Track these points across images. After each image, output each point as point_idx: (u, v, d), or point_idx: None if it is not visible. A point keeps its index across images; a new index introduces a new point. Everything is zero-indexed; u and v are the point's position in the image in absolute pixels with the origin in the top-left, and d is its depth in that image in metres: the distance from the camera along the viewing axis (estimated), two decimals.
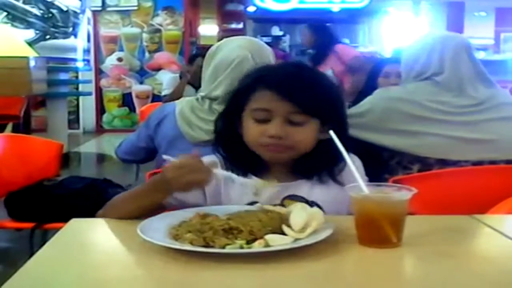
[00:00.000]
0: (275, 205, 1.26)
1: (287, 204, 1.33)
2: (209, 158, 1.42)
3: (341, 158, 1.35)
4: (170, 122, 2.01)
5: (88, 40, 7.75)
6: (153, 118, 2.08)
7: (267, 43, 2.21)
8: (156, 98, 8.67)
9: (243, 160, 1.43)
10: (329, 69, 5.00)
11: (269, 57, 2.01)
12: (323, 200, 1.41)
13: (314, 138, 1.41)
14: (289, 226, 1.12)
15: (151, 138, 2.09)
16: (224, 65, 1.97)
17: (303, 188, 1.43)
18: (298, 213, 1.14)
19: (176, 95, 4.24)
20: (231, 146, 1.45)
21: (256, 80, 1.41)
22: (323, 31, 5.26)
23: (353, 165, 1.22)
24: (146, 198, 1.31)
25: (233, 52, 1.99)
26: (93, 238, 1.26)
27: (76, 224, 1.29)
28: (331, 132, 1.29)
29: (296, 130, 1.37)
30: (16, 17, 6.20)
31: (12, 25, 6.13)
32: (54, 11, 6.48)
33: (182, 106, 2.01)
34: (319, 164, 1.43)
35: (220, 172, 1.34)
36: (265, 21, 11.84)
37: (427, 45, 2.11)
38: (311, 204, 1.35)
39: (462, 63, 2.04)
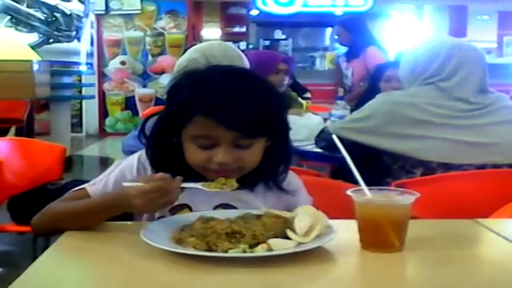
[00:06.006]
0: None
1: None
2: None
3: (284, 164, 1.38)
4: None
5: (92, 44, 7.76)
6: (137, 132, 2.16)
7: (267, 47, 2.24)
8: (159, 101, 8.68)
9: (179, 170, 1.28)
10: (351, 68, 4.98)
11: (234, 59, 1.99)
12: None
13: (261, 153, 1.34)
14: (293, 230, 1.12)
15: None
16: (177, 70, 2.02)
17: (242, 197, 1.37)
18: (302, 217, 1.14)
19: None
20: (166, 156, 1.35)
21: (192, 103, 1.27)
22: (359, 29, 5.05)
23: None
24: (99, 216, 1.26)
25: (185, 56, 2.02)
26: (96, 242, 1.26)
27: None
28: (334, 137, 1.28)
29: (245, 153, 1.29)
30: (20, 21, 6.21)
31: (16, 29, 6.15)
32: (57, 14, 6.49)
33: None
34: (265, 173, 1.37)
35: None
36: (268, 24, 11.81)
37: (442, 51, 2.07)
38: None
39: (474, 77, 2.03)
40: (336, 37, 5.38)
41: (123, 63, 9.30)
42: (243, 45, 10.71)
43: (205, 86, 1.29)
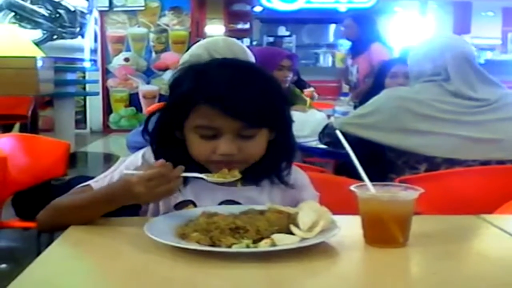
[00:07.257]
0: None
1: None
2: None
3: (287, 158, 1.38)
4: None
5: (95, 40, 7.78)
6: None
7: (271, 43, 2.22)
8: (162, 98, 8.67)
9: (184, 165, 1.24)
10: (356, 65, 4.98)
11: (238, 55, 1.97)
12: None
13: (265, 145, 1.34)
14: (296, 225, 1.12)
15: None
16: (180, 66, 2.00)
17: (247, 194, 1.36)
18: (306, 213, 1.14)
19: None
20: (170, 151, 1.32)
21: (194, 93, 1.27)
22: (368, 24, 5.09)
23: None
24: (103, 207, 1.25)
25: (189, 52, 2.00)
26: (100, 236, 1.26)
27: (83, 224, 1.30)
28: (338, 132, 1.28)
29: (248, 143, 1.29)
30: (24, 18, 6.23)
31: (20, 25, 6.17)
32: (61, 11, 6.51)
33: None
34: (268, 167, 1.37)
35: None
36: (271, 21, 11.79)
37: (434, 50, 2.11)
38: None
39: (466, 73, 2.05)
40: (343, 28, 5.35)
41: (127, 59, 9.31)
42: (246, 41, 10.69)
43: (207, 76, 1.30)
